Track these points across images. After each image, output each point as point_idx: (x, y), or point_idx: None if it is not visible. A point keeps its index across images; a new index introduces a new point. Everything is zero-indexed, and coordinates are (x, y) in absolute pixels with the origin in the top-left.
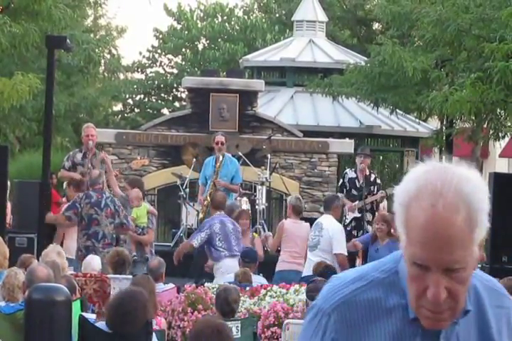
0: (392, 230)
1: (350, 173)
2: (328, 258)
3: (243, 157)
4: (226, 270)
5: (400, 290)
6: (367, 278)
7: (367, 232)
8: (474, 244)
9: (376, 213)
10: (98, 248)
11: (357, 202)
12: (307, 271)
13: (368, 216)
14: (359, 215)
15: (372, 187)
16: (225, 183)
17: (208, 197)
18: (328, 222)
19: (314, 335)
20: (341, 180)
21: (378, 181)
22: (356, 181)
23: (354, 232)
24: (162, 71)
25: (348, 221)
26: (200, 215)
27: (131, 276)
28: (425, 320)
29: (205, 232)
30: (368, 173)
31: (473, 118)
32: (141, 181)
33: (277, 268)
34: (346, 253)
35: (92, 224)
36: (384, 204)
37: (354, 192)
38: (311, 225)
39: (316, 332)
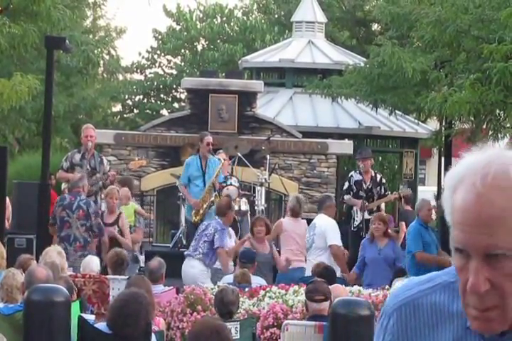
0: (388, 230)
1: (355, 176)
2: (324, 255)
3: (242, 158)
4: (183, 270)
5: None
6: (435, 280)
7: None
8: None
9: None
10: (70, 251)
11: (370, 204)
12: (308, 272)
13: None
14: (369, 217)
15: (378, 188)
16: (220, 185)
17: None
18: (319, 221)
19: (377, 337)
20: (347, 183)
21: (383, 181)
22: (363, 183)
23: (362, 233)
24: (161, 72)
25: (357, 223)
26: (195, 218)
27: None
28: (473, 322)
29: None
30: (373, 174)
31: (473, 119)
32: (131, 180)
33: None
34: (340, 244)
35: (64, 227)
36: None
37: (362, 193)
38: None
39: (379, 334)
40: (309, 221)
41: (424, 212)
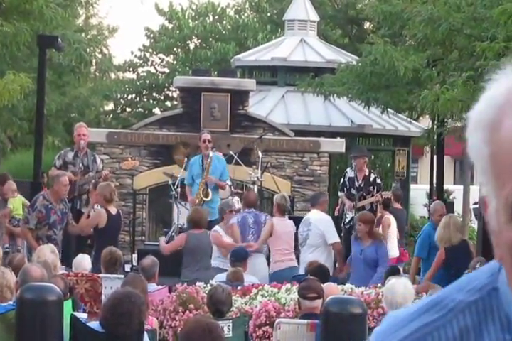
0: (373, 230)
1: (349, 173)
2: (318, 252)
3: (235, 156)
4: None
5: (502, 318)
6: (445, 303)
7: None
8: None
9: (377, 213)
10: None
11: (354, 203)
12: (301, 270)
13: None
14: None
15: (371, 188)
16: (216, 179)
17: (197, 197)
18: (315, 216)
19: None
20: (342, 179)
21: (378, 181)
22: (355, 181)
23: (353, 231)
24: (153, 70)
25: (347, 220)
26: None
27: (122, 276)
28: None
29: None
30: (367, 173)
31: (465, 117)
32: (7, 175)
33: (272, 270)
34: (339, 240)
35: None
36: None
37: (353, 191)
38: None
39: None
40: (300, 219)
41: (437, 217)
